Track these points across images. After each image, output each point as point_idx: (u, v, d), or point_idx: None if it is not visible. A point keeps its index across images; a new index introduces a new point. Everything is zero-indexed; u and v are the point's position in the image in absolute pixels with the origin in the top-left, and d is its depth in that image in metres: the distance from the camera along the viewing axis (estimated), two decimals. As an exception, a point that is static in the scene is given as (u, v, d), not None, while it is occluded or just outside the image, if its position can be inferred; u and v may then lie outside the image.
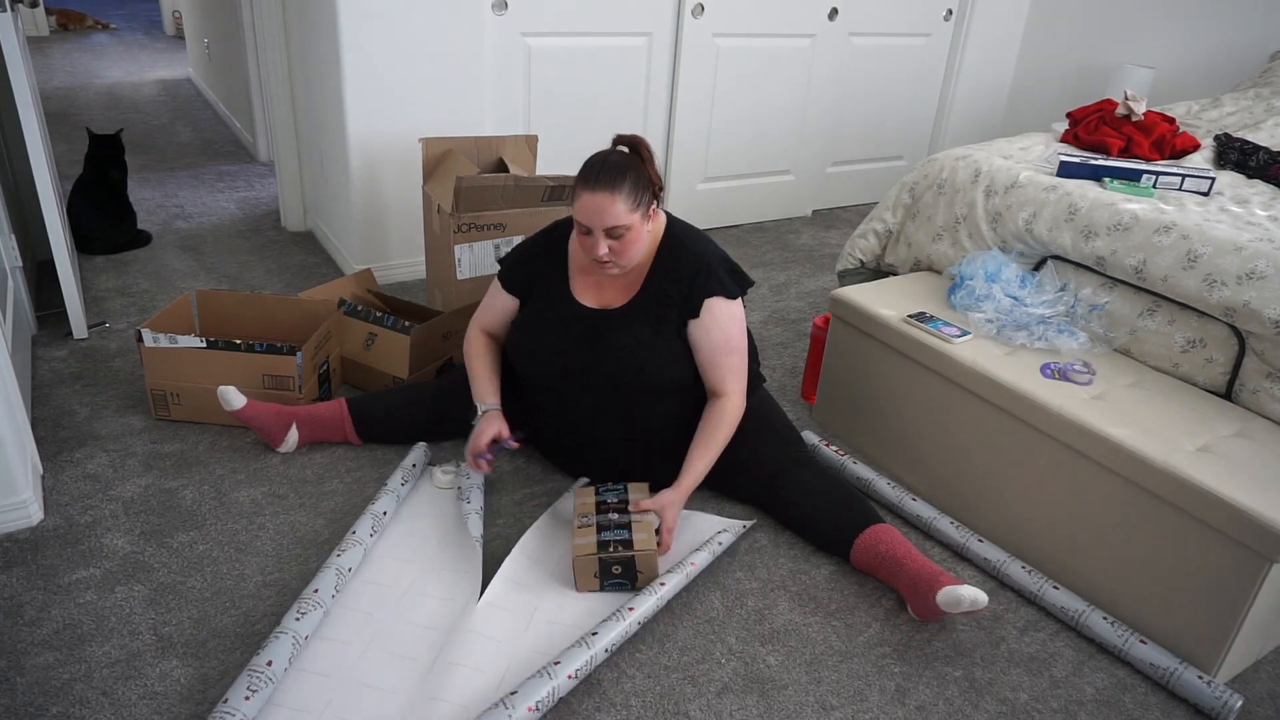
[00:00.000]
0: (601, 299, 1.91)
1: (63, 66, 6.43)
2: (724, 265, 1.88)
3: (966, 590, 1.60)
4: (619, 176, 1.73)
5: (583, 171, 1.77)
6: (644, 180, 1.77)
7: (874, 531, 1.81)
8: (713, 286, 1.85)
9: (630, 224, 1.75)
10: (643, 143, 1.81)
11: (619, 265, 1.81)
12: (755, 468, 1.97)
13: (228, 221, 3.62)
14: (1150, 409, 1.81)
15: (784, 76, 3.75)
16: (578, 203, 1.76)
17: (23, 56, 2.29)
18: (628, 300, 1.88)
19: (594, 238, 1.76)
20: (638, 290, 1.88)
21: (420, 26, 2.80)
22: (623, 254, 1.78)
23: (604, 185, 1.72)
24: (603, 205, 1.72)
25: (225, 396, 2.04)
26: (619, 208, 1.72)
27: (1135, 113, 2.50)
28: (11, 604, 1.64)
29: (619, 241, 1.76)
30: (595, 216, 1.74)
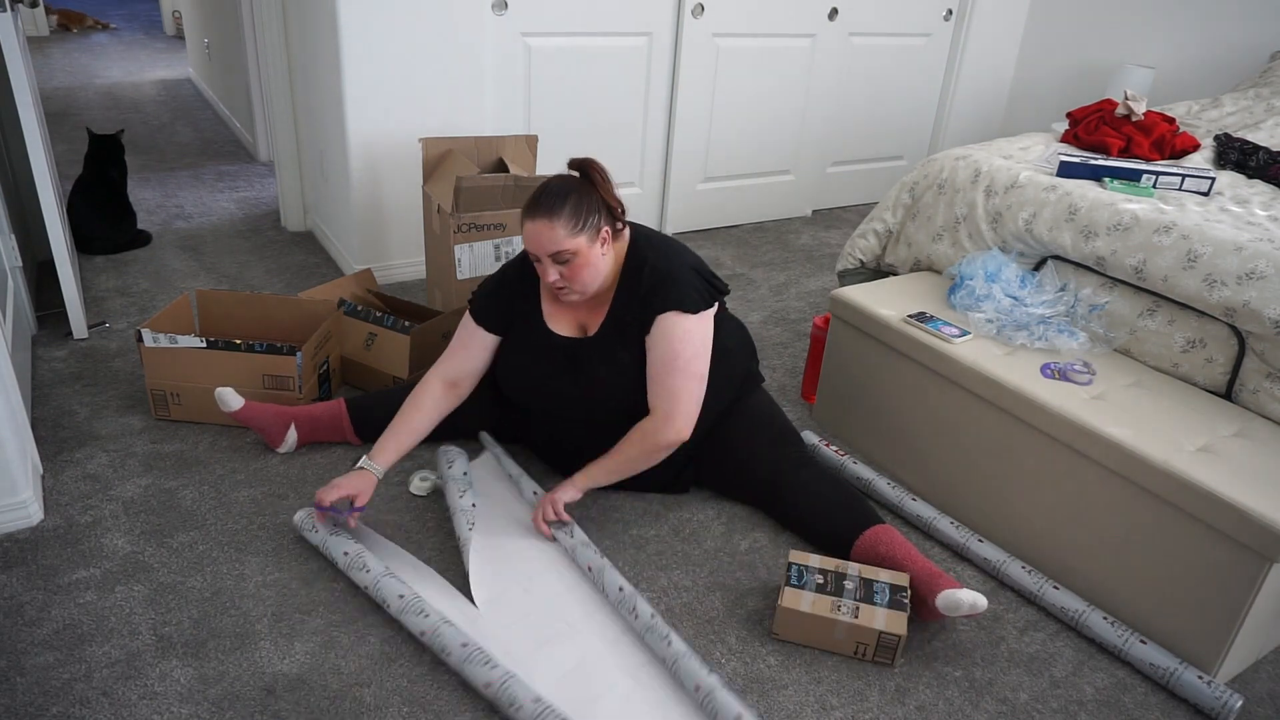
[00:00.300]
0: (576, 324, 1.91)
1: (63, 66, 6.43)
2: (687, 277, 1.81)
3: (966, 594, 1.60)
4: (559, 201, 1.72)
5: (527, 201, 1.77)
6: (590, 203, 1.74)
7: (874, 532, 1.81)
8: (666, 301, 1.79)
9: (575, 248, 1.73)
10: (594, 165, 1.78)
11: (574, 291, 1.79)
12: (755, 468, 1.97)
13: (228, 221, 3.62)
14: (1150, 409, 1.81)
15: (784, 76, 3.75)
16: (524, 232, 1.76)
17: (23, 56, 2.29)
18: (599, 326, 1.87)
19: (544, 265, 1.76)
20: (605, 315, 1.87)
21: (420, 26, 2.80)
22: (574, 279, 1.77)
23: (542, 212, 1.72)
24: (541, 230, 1.72)
25: (223, 398, 2.04)
26: (558, 232, 1.71)
27: (1135, 113, 2.50)
28: (11, 604, 1.64)
29: (568, 267, 1.75)
30: (537, 243, 1.74)
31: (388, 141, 2.90)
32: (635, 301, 1.82)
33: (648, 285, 1.80)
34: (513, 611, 1.68)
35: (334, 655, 1.58)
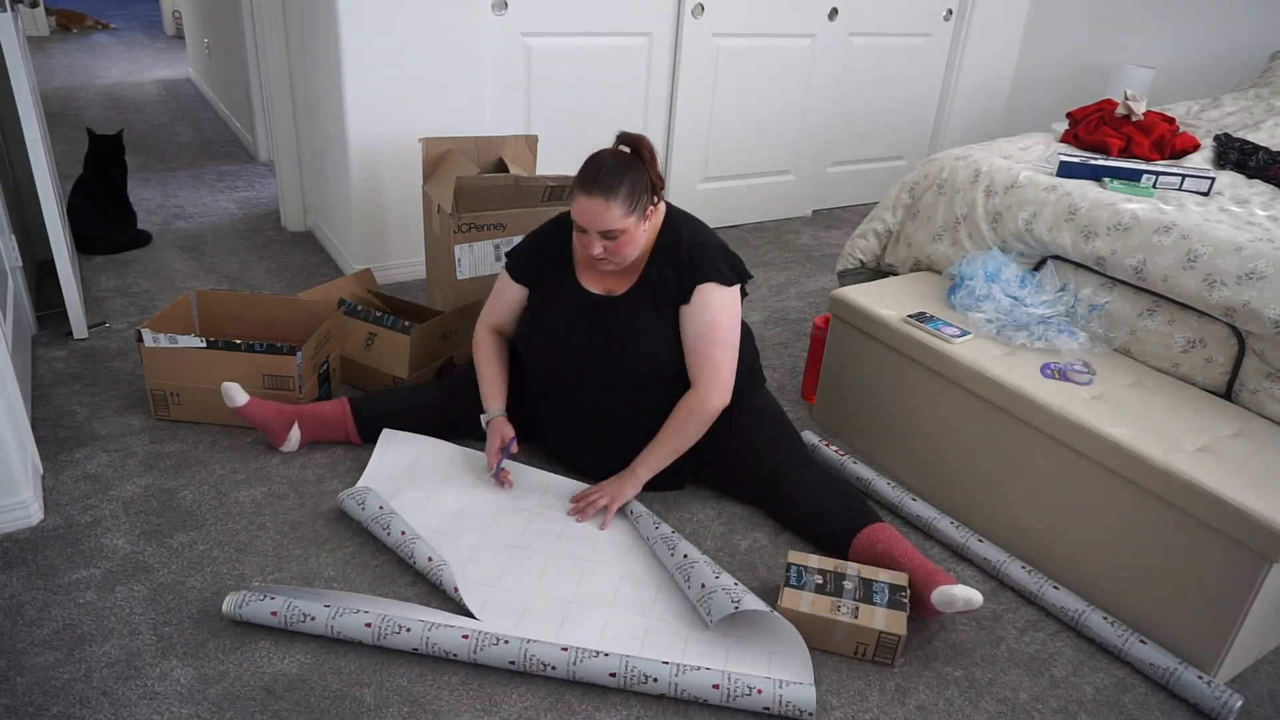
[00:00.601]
0: (605, 285, 1.94)
1: (63, 66, 6.43)
2: (722, 254, 1.90)
3: (960, 590, 1.61)
4: (616, 181, 1.75)
5: (581, 172, 1.79)
6: (642, 183, 1.79)
7: (872, 530, 1.81)
8: (706, 272, 1.86)
9: (625, 227, 1.78)
10: (645, 142, 1.83)
11: (613, 263, 1.86)
12: (755, 467, 1.97)
13: (228, 221, 3.62)
14: (1150, 409, 1.81)
15: (784, 76, 3.75)
16: (575, 204, 1.79)
17: (23, 56, 2.29)
18: (629, 287, 1.91)
19: (589, 237, 1.81)
20: (638, 277, 1.91)
21: (420, 26, 2.80)
22: (617, 253, 1.83)
23: (600, 190, 1.75)
24: (598, 209, 1.76)
25: (229, 393, 2.03)
26: (614, 213, 1.76)
27: (1135, 113, 2.50)
28: (11, 604, 1.64)
29: (614, 243, 1.81)
30: (590, 219, 1.77)
31: (388, 141, 2.90)
32: (671, 270, 1.88)
33: (686, 258, 1.87)
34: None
35: (334, 655, 1.58)
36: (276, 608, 1.60)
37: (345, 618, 1.58)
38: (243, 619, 1.61)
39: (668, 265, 1.89)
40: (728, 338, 1.88)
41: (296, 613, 1.59)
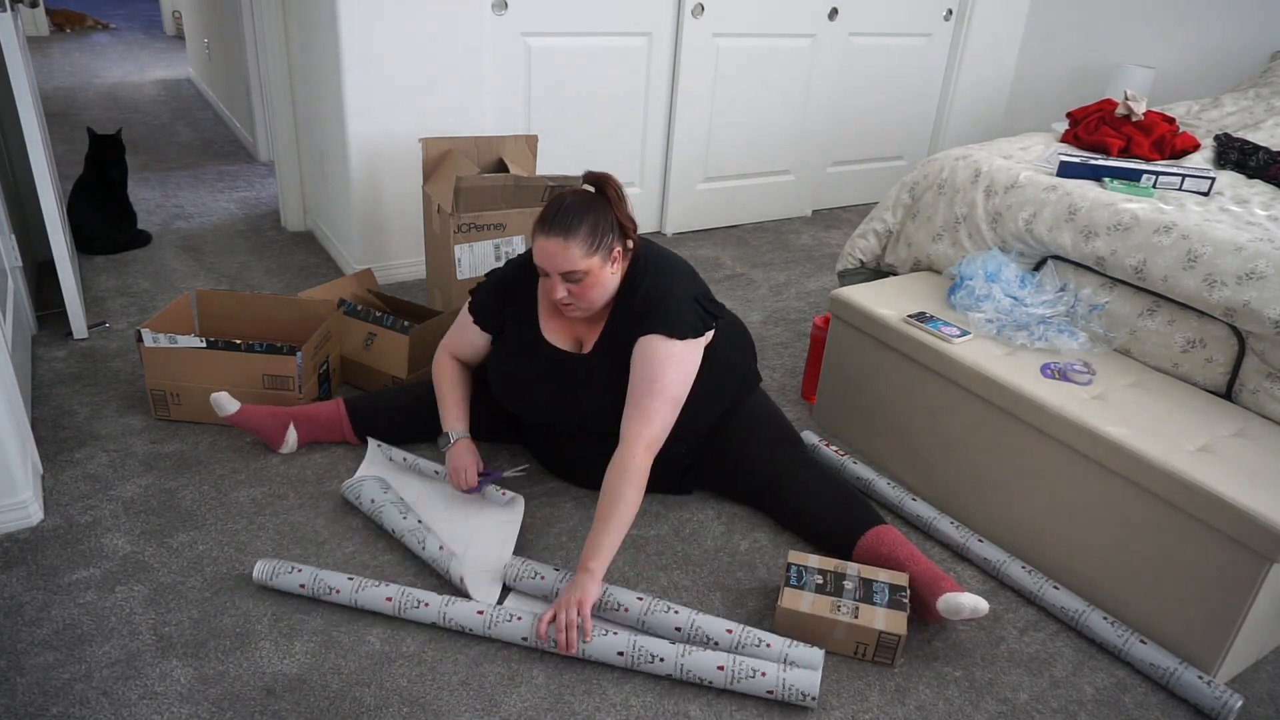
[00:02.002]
0: (572, 336, 1.91)
1: (63, 66, 6.43)
2: (681, 302, 1.79)
3: (968, 599, 1.60)
4: (575, 220, 1.70)
5: (541, 212, 1.75)
6: (605, 223, 1.73)
7: (876, 533, 1.81)
8: (653, 324, 1.76)
9: (588, 268, 1.72)
10: (610, 182, 1.76)
11: (579, 308, 1.80)
12: (755, 469, 1.97)
13: (228, 221, 3.62)
14: (1150, 409, 1.81)
15: (784, 76, 3.75)
16: (535, 245, 1.74)
17: (23, 56, 2.29)
18: (594, 343, 1.87)
19: (552, 280, 1.75)
20: (600, 332, 1.86)
21: (420, 26, 2.80)
22: (583, 297, 1.77)
23: (558, 230, 1.70)
24: (556, 250, 1.70)
25: (218, 403, 2.03)
26: (573, 253, 1.70)
27: (1135, 113, 2.50)
28: (11, 604, 1.64)
29: (578, 285, 1.75)
30: (550, 261, 1.72)
31: (388, 141, 2.90)
32: (627, 320, 1.81)
33: (639, 309, 1.79)
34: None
35: (334, 655, 1.58)
36: (304, 580, 1.68)
37: (368, 591, 1.66)
38: (271, 587, 1.70)
39: (626, 317, 1.81)
40: (666, 389, 1.73)
41: (323, 585, 1.67)
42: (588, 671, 1.59)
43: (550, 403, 1.91)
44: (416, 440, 2.16)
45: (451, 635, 1.64)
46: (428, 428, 2.14)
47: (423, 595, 1.65)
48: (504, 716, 1.49)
